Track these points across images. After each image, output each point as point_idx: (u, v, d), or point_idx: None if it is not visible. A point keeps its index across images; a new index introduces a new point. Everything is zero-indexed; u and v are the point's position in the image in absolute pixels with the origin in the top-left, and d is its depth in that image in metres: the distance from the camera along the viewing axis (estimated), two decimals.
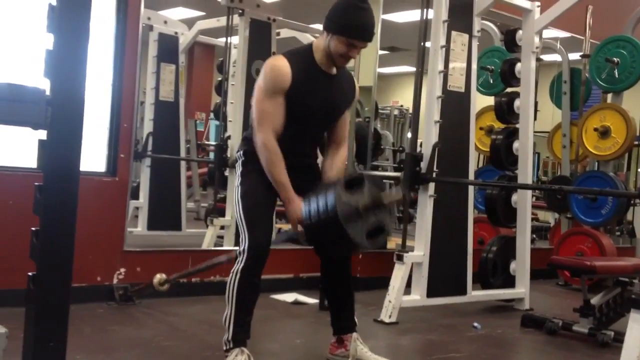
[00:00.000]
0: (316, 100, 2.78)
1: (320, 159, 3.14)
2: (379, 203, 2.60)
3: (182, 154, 6.66)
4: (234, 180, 2.97)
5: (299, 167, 2.80)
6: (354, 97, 2.99)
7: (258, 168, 2.78)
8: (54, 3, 1.43)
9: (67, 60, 1.44)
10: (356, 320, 3.03)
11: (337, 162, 2.94)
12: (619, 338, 3.67)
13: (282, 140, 2.74)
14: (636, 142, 5.88)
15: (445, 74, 4.22)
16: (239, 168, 2.87)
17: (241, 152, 2.87)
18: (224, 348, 2.74)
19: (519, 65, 4.99)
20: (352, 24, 2.70)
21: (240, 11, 5.46)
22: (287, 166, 2.74)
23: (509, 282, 4.78)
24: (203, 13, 8.79)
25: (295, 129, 2.78)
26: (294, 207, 2.72)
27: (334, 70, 2.84)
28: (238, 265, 2.71)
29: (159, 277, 3.72)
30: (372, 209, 2.59)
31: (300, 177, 2.77)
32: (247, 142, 2.86)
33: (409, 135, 8.13)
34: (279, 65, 2.71)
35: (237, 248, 2.79)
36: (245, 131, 3.05)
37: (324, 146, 3.01)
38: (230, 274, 2.73)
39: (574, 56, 6.37)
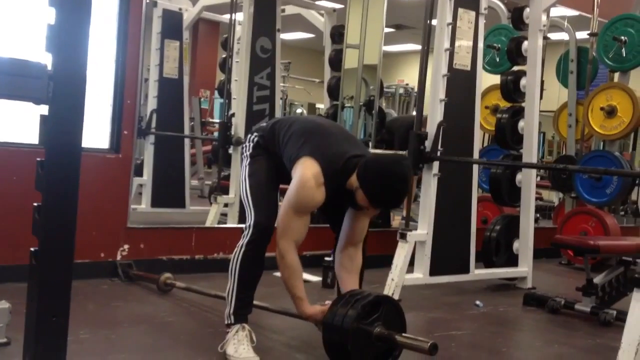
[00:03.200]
0: (334, 208, 2.88)
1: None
2: (391, 340, 2.56)
3: (186, 131, 6.65)
4: (240, 160, 2.97)
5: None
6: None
7: (267, 153, 2.81)
8: None
9: (69, 35, 1.42)
10: None
11: (356, 264, 2.93)
12: (621, 317, 3.68)
13: None
14: None
15: (451, 52, 4.18)
16: (248, 150, 2.88)
17: (254, 138, 2.88)
18: (226, 322, 2.76)
19: (525, 44, 4.95)
20: (383, 199, 2.65)
21: None
22: None
23: (512, 261, 4.79)
24: None
25: None
26: (312, 319, 2.79)
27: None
28: (243, 240, 2.72)
29: (166, 275, 3.72)
30: (385, 341, 2.57)
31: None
32: (261, 136, 2.88)
33: (414, 113, 8.10)
34: (317, 195, 2.64)
35: (241, 225, 2.79)
36: (268, 122, 3.03)
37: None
38: (235, 248, 2.74)
39: (582, 35, 6.31)
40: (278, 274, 2.72)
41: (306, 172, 2.62)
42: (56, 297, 1.42)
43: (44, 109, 1.43)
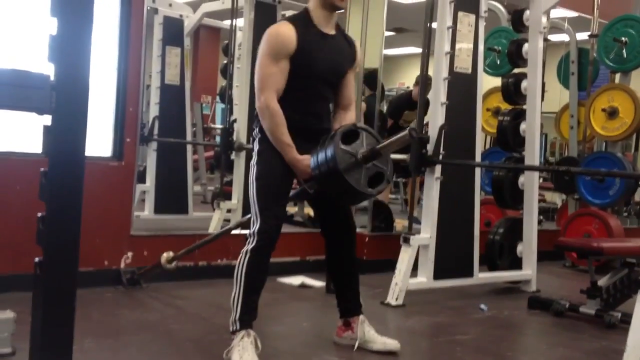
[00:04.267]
0: (320, 60, 2.81)
1: None
2: (375, 151, 2.68)
3: (189, 137, 6.65)
4: (243, 165, 2.99)
5: (312, 131, 2.79)
6: (355, 56, 2.99)
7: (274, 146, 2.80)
8: None
9: (71, 45, 1.42)
10: (362, 302, 3.04)
11: (345, 123, 2.93)
12: (626, 319, 3.67)
13: (292, 104, 2.76)
14: None
15: (452, 55, 4.19)
16: (255, 146, 2.87)
17: (257, 130, 2.87)
18: (231, 329, 2.75)
19: (526, 46, 4.95)
20: None
21: None
22: (300, 129, 2.76)
23: (516, 264, 4.78)
24: None
25: (304, 92, 2.80)
26: (301, 165, 2.75)
27: (332, 31, 2.86)
28: (248, 246, 2.72)
29: (166, 255, 3.75)
30: (370, 157, 2.68)
31: (312, 143, 2.75)
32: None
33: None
34: (284, 30, 2.73)
35: (245, 231, 2.80)
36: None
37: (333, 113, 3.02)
38: (240, 255, 2.74)
39: (582, 36, 6.31)
40: (281, 279, 2.71)
41: (269, 28, 2.78)
42: (61, 307, 1.42)
43: (47, 119, 1.43)
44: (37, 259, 1.45)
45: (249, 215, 2.86)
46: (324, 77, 2.85)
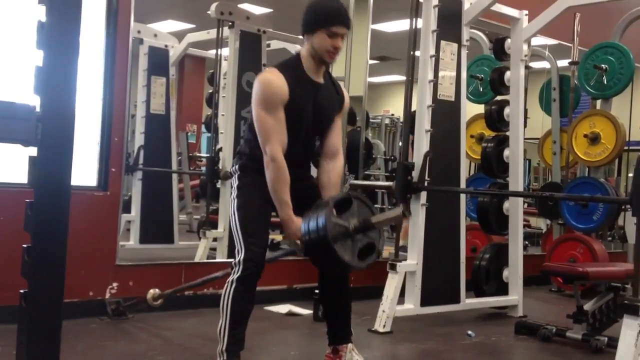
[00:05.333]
0: (307, 108, 2.81)
1: (314, 172, 3.14)
2: (368, 224, 2.65)
3: (174, 166, 6.65)
4: (229, 193, 2.98)
5: (295, 180, 2.79)
6: (342, 104, 3.00)
7: (254, 181, 2.80)
8: (43, 19, 1.43)
9: (57, 77, 1.43)
10: (352, 330, 3.03)
11: (333, 177, 2.93)
12: (613, 344, 3.68)
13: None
14: (626, 148, 5.92)
15: (435, 83, 4.24)
16: (235, 181, 2.88)
17: (237, 167, 2.88)
18: (218, 359, 2.73)
19: (508, 74, 5.02)
20: (325, 13, 2.76)
21: (230, 23, 5.47)
22: None
23: (502, 289, 4.79)
24: (193, 25, 8.82)
25: (290, 141, 2.79)
26: (293, 227, 2.74)
27: (322, 79, 2.87)
28: (233, 276, 2.71)
29: (152, 292, 3.72)
30: (362, 230, 2.64)
31: (296, 192, 2.77)
32: (242, 157, 2.89)
33: (400, 144, 8.15)
34: (275, 80, 2.72)
35: (231, 260, 2.79)
36: (239, 145, 3.05)
37: (317, 158, 3.02)
38: (225, 285, 2.73)
39: (563, 63, 6.41)
40: (268, 307, 2.69)
41: (259, 76, 2.77)
42: (46, 340, 1.41)
43: (33, 150, 1.44)
44: (22, 291, 1.44)
45: (225, 271, 2.85)
46: (311, 126, 2.86)
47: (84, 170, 4.01)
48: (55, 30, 1.43)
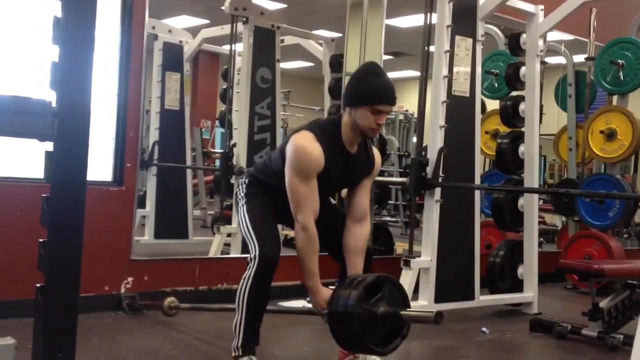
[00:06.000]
0: (334, 176, 2.78)
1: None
2: (397, 318, 2.57)
3: (188, 162, 6.67)
4: (236, 204, 3.00)
5: None
6: (373, 168, 2.94)
7: (261, 190, 2.85)
8: (59, 15, 1.44)
9: (73, 72, 1.44)
10: None
11: (361, 241, 2.89)
12: (628, 341, 3.65)
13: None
14: None
15: (450, 79, 4.22)
16: (242, 191, 2.91)
17: (246, 181, 2.92)
18: (233, 354, 2.74)
19: (523, 69, 4.99)
20: (371, 90, 2.69)
21: (244, 19, 5.48)
22: None
23: (517, 286, 4.77)
24: (207, 21, 8.82)
25: None
26: (319, 298, 2.73)
27: (355, 149, 2.83)
28: (249, 272, 2.71)
29: (168, 300, 3.71)
30: (390, 319, 2.57)
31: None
32: (251, 175, 2.94)
33: (415, 140, 8.13)
34: (313, 151, 2.67)
35: (245, 255, 2.79)
36: (253, 165, 3.07)
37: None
38: (241, 280, 2.73)
39: (579, 59, 6.36)
40: (283, 303, 2.71)
41: (297, 140, 2.70)
42: (62, 333, 1.42)
43: (49, 145, 1.44)
44: (38, 285, 1.45)
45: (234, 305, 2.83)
46: (333, 186, 2.89)
47: (100, 165, 4.03)
48: (70, 26, 1.43)
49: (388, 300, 2.57)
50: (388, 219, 8.79)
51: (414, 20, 8.35)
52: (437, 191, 4.14)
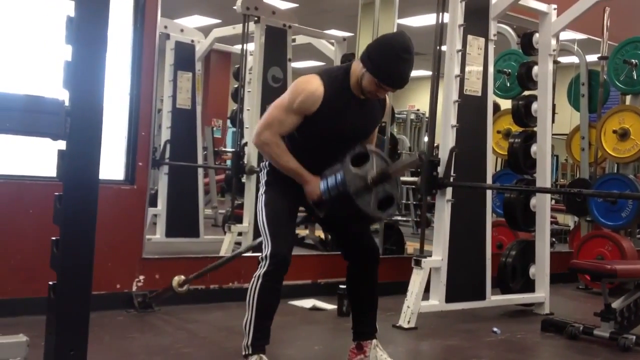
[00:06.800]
0: (345, 123, 2.79)
1: None
2: (385, 174, 2.68)
3: (200, 161, 6.69)
4: (254, 188, 3.00)
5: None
6: (383, 114, 2.98)
7: (283, 178, 2.81)
8: (72, 14, 1.45)
9: (86, 71, 1.45)
10: (377, 326, 3.03)
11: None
12: None
13: (309, 158, 2.78)
14: None
15: (462, 78, 4.20)
16: (263, 177, 2.90)
17: (267, 163, 2.90)
18: (243, 353, 2.75)
19: (536, 69, 4.96)
20: (389, 72, 2.70)
21: (256, 18, 5.48)
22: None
23: (529, 286, 4.75)
24: (219, 21, 8.86)
25: (323, 148, 2.80)
26: (312, 187, 2.76)
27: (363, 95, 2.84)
28: (260, 271, 2.72)
29: (177, 278, 3.74)
30: (380, 181, 2.67)
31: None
32: None
33: (426, 139, 8.11)
34: (312, 90, 2.70)
35: (256, 254, 2.80)
36: None
37: None
38: (252, 279, 2.74)
39: (592, 58, 6.32)
40: (293, 302, 2.70)
41: (301, 78, 2.76)
42: (74, 331, 1.43)
43: (62, 144, 1.45)
44: (51, 283, 1.46)
45: (260, 239, 2.87)
46: (345, 138, 2.84)
47: (112, 164, 4.05)
48: (83, 25, 1.44)
49: (375, 168, 2.69)
50: (399, 218, 8.77)
51: (425, 20, 8.35)
52: (449, 191, 4.12)
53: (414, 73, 2.86)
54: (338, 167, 2.65)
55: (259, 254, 2.78)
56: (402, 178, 7.53)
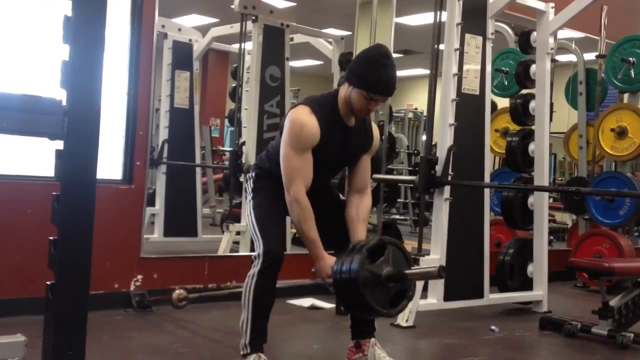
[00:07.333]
0: (332, 150, 2.79)
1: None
2: (401, 277, 2.59)
3: (197, 160, 6.69)
4: (244, 199, 3.01)
5: (314, 193, 2.80)
6: (371, 144, 2.96)
7: (269, 185, 2.83)
8: (69, 14, 1.45)
9: (83, 71, 1.44)
10: (375, 325, 3.03)
11: (362, 211, 2.91)
12: (639, 340, 3.65)
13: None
14: None
15: (460, 77, 4.21)
16: (250, 186, 2.92)
17: (253, 174, 2.93)
18: (242, 353, 2.75)
19: (533, 67, 4.97)
20: (374, 80, 2.69)
21: (254, 17, 5.48)
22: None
23: (527, 284, 4.75)
24: (217, 20, 8.85)
25: (314, 174, 2.78)
26: (323, 264, 2.74)
27: (353, 122, 2.84)
28: (254, 269, 2.72)
29: (178, 292, 3.71)
30: (395, 280, 2.58)
31: (316, 200, 2.77)
32: (258, 167, 2.94)
33: (424, 138, 8.12)
34: (309, 124, 2.69)
35: (253, 253, 2.80)
36: (260, 154, 3.06)
37: (344, 184, 3.01)
38: (247, 278, 2.74)
39: (589, 56, 6.33)
40: (291, 301, 2.70)
41: (293, 114, 2.75)
42: (72, 331, 1.43)
43: (59, 144, 1.45)
44: (48, 283, 1.46)
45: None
46: (332, 163, 2.86)
47: (109, 164, 4.05)
48: (81, 25, 1.44)
49: (392, 262, 2.59)
50: (397, 217, 8.78)
51: (423, 18, 8.35)
52: (447, 189, 4.13)
53: (412, 72, 2.87)
54: (354, 255, 2.57)
55: (253, 253, 2.79)
56: (400, 177, 7.53)
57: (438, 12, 4.19)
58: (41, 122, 1.42)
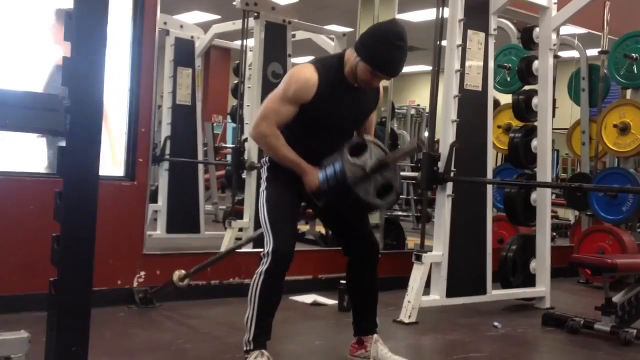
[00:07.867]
0: (339, 112, 2.80)
1: None
2: (383, 162, 2.70)
3: (200, 157, 6.69)
4: (254, 184, 3.00)
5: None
6: (377, 102, 2.99)
7: (284, 173, 2.81)
8: (71, 11, 1.45)
9: (85, 68, 1.44)
10: (377, 321, 3.03)
11: (367, 126, 3.00)
12: None
13: (307, 148, 2.78)
14: None
15: (462, 73, 4.20)
16: (264, 173, 2.90)
17: (267, 159, 2.90)
18: (244, 349, 2.76)
19: (536, 63, 4.96)
20: (383, 58, 2.70)
21: (256, 14, 5.47)
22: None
23: (529, 280, 4.75)
24: (219, 16, 8.85)
25: (320, 137, 2.81)
26: (310, 177, 2.76)
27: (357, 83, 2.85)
28: (262, 267, 2.72)
29: (177, 273, 3.74)
30: (378, 169, 2.69)
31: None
32: None
33: (426, 134, 8.11)
34: (306, 79, 2.71)
35: (257, 250, 2.80)
36: None
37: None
38: (254, 275, 2.74)
39: (592, 52, 6.31)
40: (294, 297, 2.69)
41: (295, 68, 2.79)
42: (75, 327, 1.43)
43: (62, 141, 1.45)
44: (51, 279, 1.46)
45: (260, 230, 2.87)
46: (341, 125, 2.86)
47: (112, 160, 4.05)
48: (83, 22, 1.44)
49: (373, 156, 2.71)
50: (400, 213, 8.79)
51: (425, 15, 8.34)
52: (449, 186, 4.12)
53: (415, 68, 2.89)
54: (336, 157, 2.66)
55: (260, 249, 2.78)
56: (403, 173, 7.53)
57: (440, 8, 4.18)
58: (44, 119, 1.42)
